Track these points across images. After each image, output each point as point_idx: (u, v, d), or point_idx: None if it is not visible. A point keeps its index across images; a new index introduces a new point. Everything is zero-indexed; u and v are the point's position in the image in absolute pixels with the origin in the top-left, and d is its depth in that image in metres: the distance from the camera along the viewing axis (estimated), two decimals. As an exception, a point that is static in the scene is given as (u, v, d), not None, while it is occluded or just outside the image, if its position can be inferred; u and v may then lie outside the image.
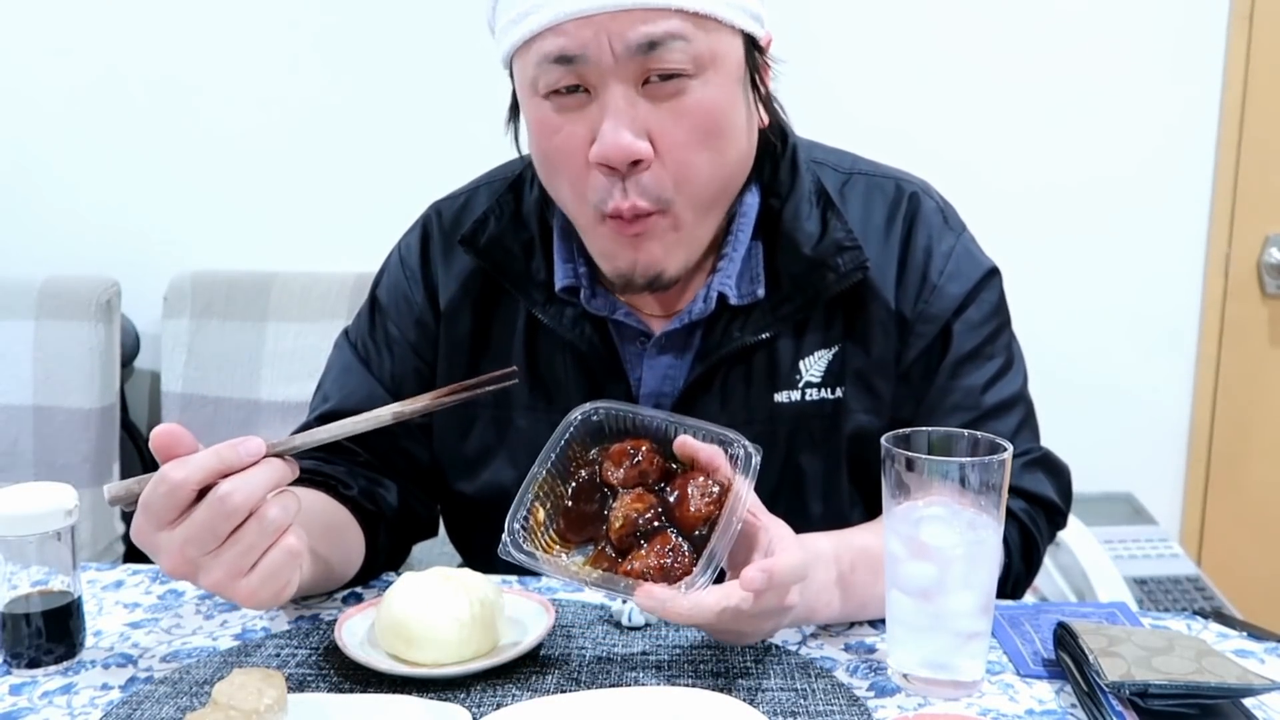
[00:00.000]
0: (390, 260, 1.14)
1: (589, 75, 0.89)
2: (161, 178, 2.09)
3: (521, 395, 1.05)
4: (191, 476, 0.76)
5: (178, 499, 0.76)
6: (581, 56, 0.88)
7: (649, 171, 0.90)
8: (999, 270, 1.06)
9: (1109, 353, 2.12)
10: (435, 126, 2.02)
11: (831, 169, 1.07)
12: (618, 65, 0.88)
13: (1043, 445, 1.06)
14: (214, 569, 0.77)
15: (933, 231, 1.04)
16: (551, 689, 0.82)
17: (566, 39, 0.88)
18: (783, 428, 1.02)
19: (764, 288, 1.01)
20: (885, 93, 2.00)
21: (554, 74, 0.90)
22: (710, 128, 0.92)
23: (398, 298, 1.10)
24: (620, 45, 0.87)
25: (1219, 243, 2.10)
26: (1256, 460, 2.18)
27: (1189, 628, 0.94)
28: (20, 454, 1.86)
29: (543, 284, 1.03)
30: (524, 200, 1.07)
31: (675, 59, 0.88)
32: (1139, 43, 2.03)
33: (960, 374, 1.02)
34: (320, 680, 0.84)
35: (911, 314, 1.02)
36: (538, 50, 0.90)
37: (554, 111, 0.92)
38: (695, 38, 0.88)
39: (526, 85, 0.93)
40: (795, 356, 1.02)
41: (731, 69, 0.92)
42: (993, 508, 0.80)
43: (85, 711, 0.81)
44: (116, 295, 1.91)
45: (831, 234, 1.00)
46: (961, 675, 0.82)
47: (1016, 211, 2.02)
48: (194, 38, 2.04)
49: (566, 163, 0.93)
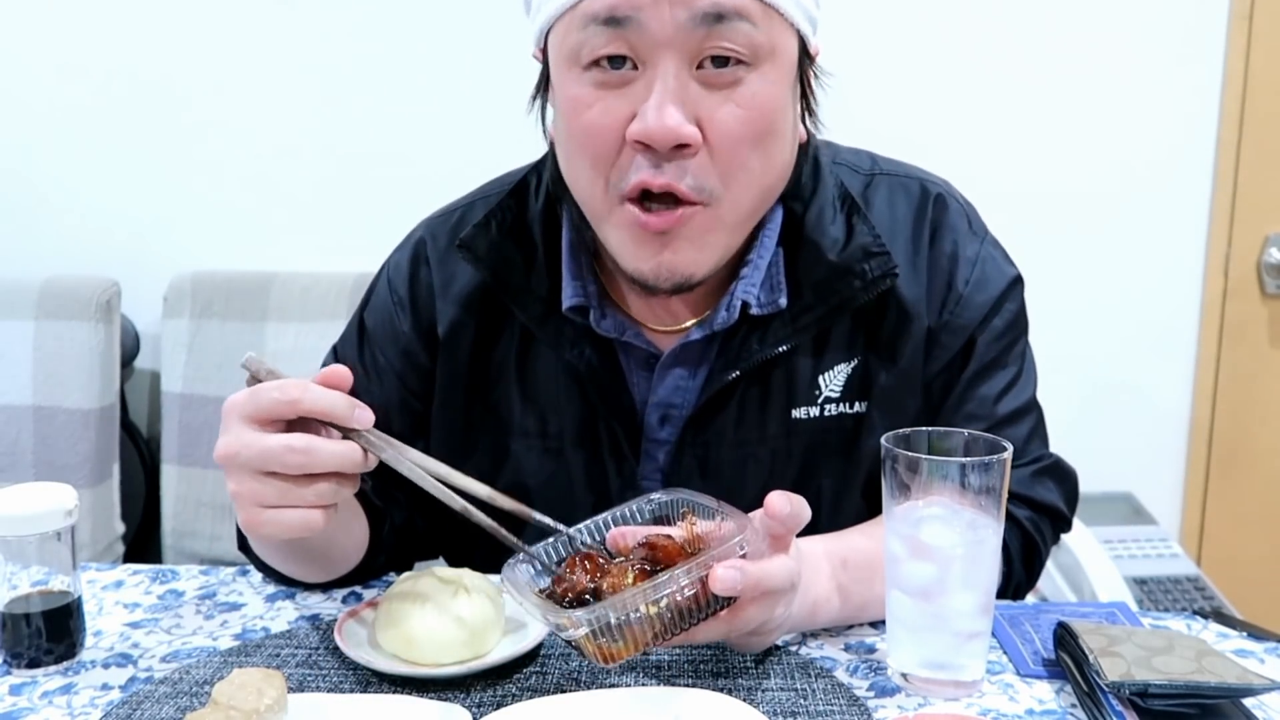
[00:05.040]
0: (378, 283, 1.08)
1: (639, 45, 0.82)
2: (161, 178, 2.09)
3: (513, 416, 1.02)
4: (301, 402, 0.78)
5: (277, 410, 0.78)
6: (634, 20, 0.81)
7: (695, 159, 0.84)
8: (1022, 279, 1.02)
9: (1109, 353, 2.12)
10: (436, 126, 2.02)
11: (852, 169, 1.02)
12: (675, 36, 0.81)
13: (1052, 451, 1.04)
14: (244, 481, 0.79)
15: (959, 236, 0.99)
16: (551, 689, 0.82)
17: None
18: (799, 444, 0.99)
19: (785, 296, 0.95)
20: (883, 93, 2.00)
21: (600, 38, 0.82)
22: (763, 126, 0.86)
23: (384, 324, 1.05)
24: (683, 13, 0.80)
25: (1219, 243, 2.10)
26: (1256, 460, 2.18)
27: (1189, 628, 0.94)
28: (20, 454, 1.86)
29: (542, 299, 0.97)
30: (528, 209, 1.01)
31: (738, 40, 0.82)
32: (1139, 43, 2.03)
33: (976, 383, 1.00)
34: (320, 680, 0.84)
35: (937, 324, 0.98)
36: (584, 11, 0.82)
37: (592, 86, 0.84)
38: (760, 23, 0.83)
39: (565, 56, 0.86)
40: (815, 371, 0.97)
41: (787, 67, 0.87)
42: (993, 508, 0.80)
43: (85, 711, 0.81)
44: (116, 295, 1.91)
45: (857, 239, 0.95)
46: (962, 675, 0.82)
47: (1016, 212, 2.01)
48: (194, 38, 2.04)
49: (597, 141, 0.85)
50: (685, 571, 0.74)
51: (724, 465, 0.98)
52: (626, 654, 0.75)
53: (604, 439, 1.00)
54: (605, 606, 0.73)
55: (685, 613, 0.76)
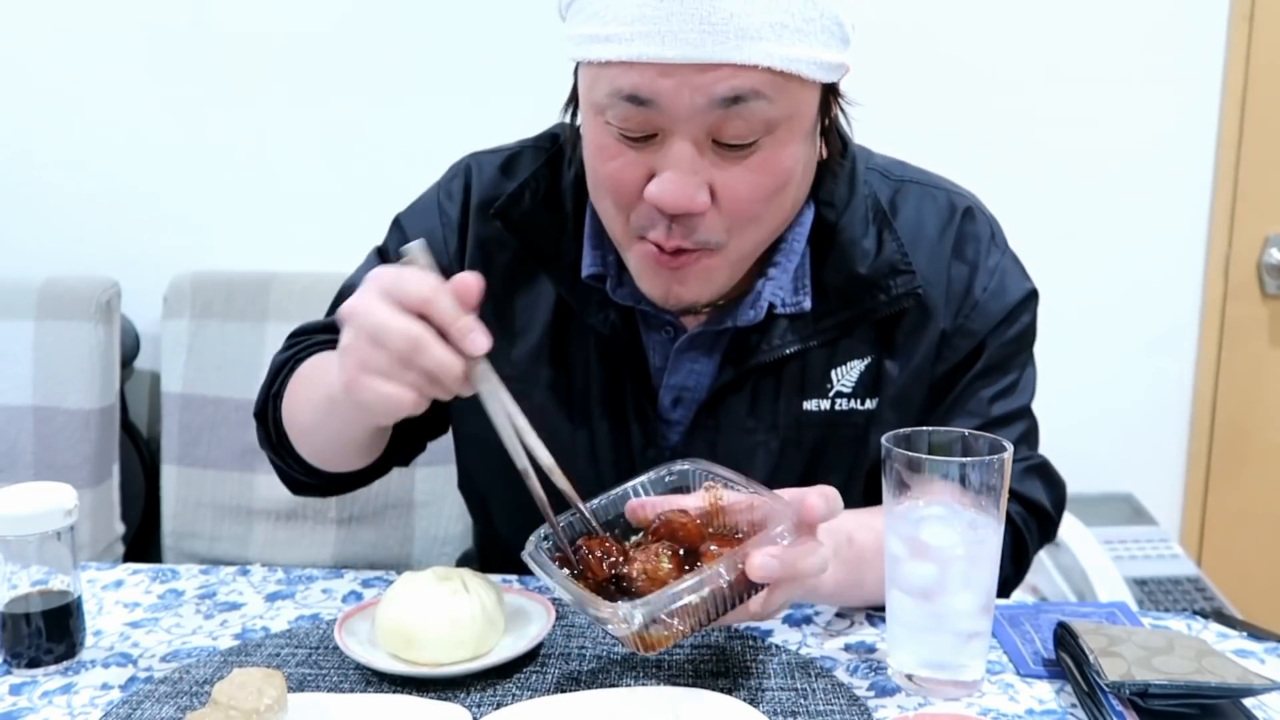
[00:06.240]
0: (426, 202, 1.11)
1: (659, 121, 0.85)
2: (161, 177, 2.08)
3: (544, 374, 1.04)
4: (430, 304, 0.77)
5: (409, 300, 0.77)
6: (655, 103, 0.84)
7: (704, 218, 0.88)
8: (1038, 293, 1.06)
9: (1109, 353, 2.12)
10: (436, 126, 2.02)
11: (883, 174, 1.05)
12: (693, 117, 0.84)
13: (1042, 455, 1.06)
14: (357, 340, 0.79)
15: (981, 247, 1.03)
16: (551, 689, 0.83)
17: (644, 81, 0.83)
18: (808, 436, 1.01)
19: (810, 299, 0.99)
20: (883, 94, 2.00)
21: (623, 111, 0.86)
22: (775, 186, 0.90)
23: (429, 237, 1.05)
24: (702, 99, 0.83)
25: (1219, 243, 2.09)
26: (1256, 460, 2.18)
27: (1189, 628, 0.95)
28: (20, 454, 1.85)
29: (571, 265, 1.02)
30: (562, 177, 1.04)
31: (754, 119, 0.85)
32: (1139, 43, 2.02)
33: (977, 384, 1.02)
34: (320, 680, 0.84)
35: (951, 327, 1.01)
36: (610, 80, 0.85)
37: (615, 140, 0.89)
38: (776, 98, 0.85)
39: (591, 104, 0.90)
40: (828, 365, 1.00)
41: (804, 125, 0.89)
42: (993, 508, 0.80)
43: (85, 711, 0.81)
44: (116, 295, 1.91)
45: (886, 254, 0.99)
46: (962, 675, 0.82)
47: (1016, 212, 2.01)
48: (193, 38, 2.04)
49: (618, 190, 0.91)
50: (728, 561, 0.74)
51: (734, 451, 1.00)
52: (668, 644, 0.75)
53: (629, 400, 1.02)
54: (655, 601, 0.72)
55: (723, 600, 0.76)
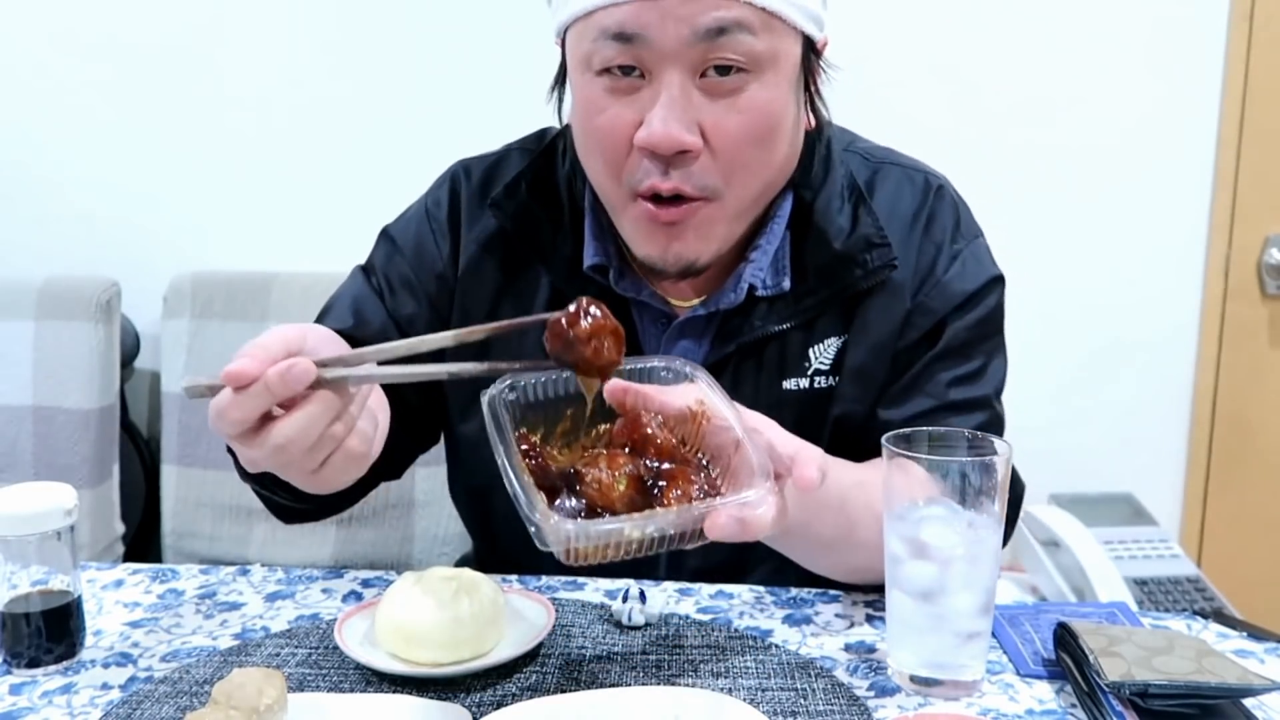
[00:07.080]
0: (413, 211, 1.12)
1: (647, 58, 0.88)
2: (161, 178, 2.09)
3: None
4: (247, 418, 0.73)
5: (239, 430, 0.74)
6: (642, 37, 0.87)
7: (697, 161, 0.90)
8: (1004, 279, 1.07)
9: (1109, 353, 2.12)
10: (437, 126, 2.02)
11: (863, 157, 1.07)
12: (679, 50, 0.87)
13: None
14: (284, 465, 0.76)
15: (948, 228, 1.05)
16: (551, 689, 0.83)
17: (629, 16, 0.87)
18: (789, 415, 1.01)
19: (789, 280, 1.01)
20: (882, 92, 2.00)
21: (610, 50, 0.89)
22: (763, 128, 0.92)
23: (420, 245, 1.09)
24: (687, 29, 0.86)
25: (1219, 243, 2.09)
26: (1256, 460, 2.17)
27: (1189, 628, 0.94)
28: (20, 454, 1.85)
29: (567, 259, 1.03)
30: (556, 171, 1.06)
31: (739, 50, 0.88)
32: (1139, 43, 2.02)
33: (935, 365, 1.03)
34: (320, 680, 0.84)
35: (913, 304, 1.03)
36: (597, 23, 0.89)
37: (604, 91, 0.91)
38: (760, 33, 0.88)
39: (579, 60, 0.92)
40: (806, 345, 1.03)
41: (788, 71, 0.93)
42: (993, 507, 0.80)
43: (85, 711, 0.81)
44: (116, 295, 1.91)
45: (861, 229, 1.01)
46: (962, 675, 0.82)
47: (1016, 212, 2.02)
48: (193, 38, 2.04)
49: (608, 143, 0.92)
50: (684, 514, 0.71)
51: None
52: (592, 560, 0.71)
53: None
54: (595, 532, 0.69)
55: (663, 541, 0.72)
